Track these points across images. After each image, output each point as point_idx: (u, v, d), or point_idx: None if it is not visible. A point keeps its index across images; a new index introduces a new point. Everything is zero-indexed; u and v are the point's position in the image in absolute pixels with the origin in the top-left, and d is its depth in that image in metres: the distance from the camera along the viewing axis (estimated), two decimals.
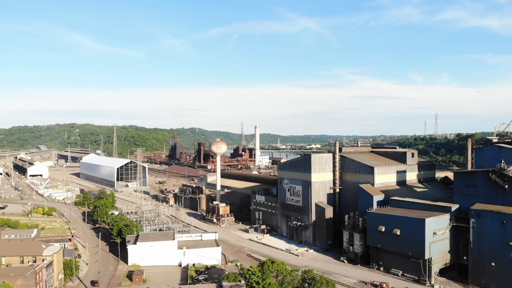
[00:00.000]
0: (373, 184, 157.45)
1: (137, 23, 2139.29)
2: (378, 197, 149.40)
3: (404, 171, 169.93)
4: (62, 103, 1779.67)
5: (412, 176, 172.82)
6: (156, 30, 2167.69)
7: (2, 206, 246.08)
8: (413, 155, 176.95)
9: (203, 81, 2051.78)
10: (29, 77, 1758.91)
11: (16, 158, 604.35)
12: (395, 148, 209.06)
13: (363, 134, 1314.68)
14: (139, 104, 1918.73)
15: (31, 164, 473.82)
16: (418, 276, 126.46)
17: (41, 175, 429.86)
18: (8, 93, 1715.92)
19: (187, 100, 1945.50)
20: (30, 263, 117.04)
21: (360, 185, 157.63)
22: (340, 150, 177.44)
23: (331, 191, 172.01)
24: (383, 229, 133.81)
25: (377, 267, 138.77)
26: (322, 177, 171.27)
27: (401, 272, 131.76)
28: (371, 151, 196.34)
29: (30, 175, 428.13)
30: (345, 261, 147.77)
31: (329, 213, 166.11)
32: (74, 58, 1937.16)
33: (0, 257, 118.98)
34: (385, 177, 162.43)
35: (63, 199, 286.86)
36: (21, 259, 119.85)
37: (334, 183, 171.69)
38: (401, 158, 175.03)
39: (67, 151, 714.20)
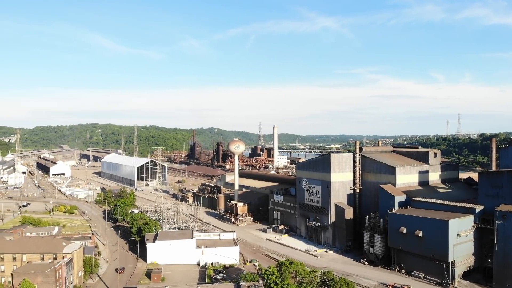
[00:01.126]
0: (394, 185, 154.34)
1: (158, 25, 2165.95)
2: (399, 198, 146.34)
3: (427, 171, 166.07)
4: (85, 103, 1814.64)
5: (434, 177, 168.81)
6: (176, 31, 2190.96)
7: (25, 204, 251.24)
8: (435, 155, 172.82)
9: (222, 81, 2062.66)
10: (52, 79, 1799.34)
11: (40, 157, 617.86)
12: (417, 148, 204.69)
13: (384, 134, 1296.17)
14: (160, 105, 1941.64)
15: (54, 163, 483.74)
16: (441, 279, 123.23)
17: (63, 174, 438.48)
18: (32, 94, 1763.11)
19: (206, 100, 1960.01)
20: (50, 261, 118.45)
21: (381, 185, 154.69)
22: (361, 149, 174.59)
23: (351, 192, 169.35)
24: (404, 231, 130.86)
25: (398, 269, 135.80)
26: (342, 177, 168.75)
27: (423, 274, 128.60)
28: (393, 151, 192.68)
29: (52, 174, 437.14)
30: (366, 262, 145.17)
31: (349, 213, 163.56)
32: (96, 59, 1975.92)
33: (21, 254, 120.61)
34: (407, 177, 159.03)
35: (85, 197, 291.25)
36: (42, 256, 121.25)
37: (354, 183, 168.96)
38: (423, 158, 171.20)
39: (89, 151, 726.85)
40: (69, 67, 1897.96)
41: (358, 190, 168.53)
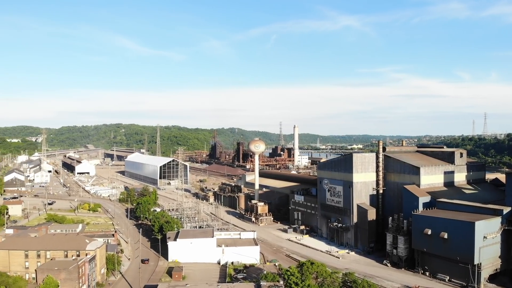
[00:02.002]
0: (418, 185, 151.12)
1: (179, 26, 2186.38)
2: (424, 199, 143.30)
3: (452, 172, 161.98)
4: (109, 104, 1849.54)
5: (460, 177, 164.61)
6: (197, 33, 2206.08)
7: (50, 202, 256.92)
8: (461, 155, 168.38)
9: (243, 81, 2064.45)
10: (78, 80, 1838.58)
11: (65, 156, 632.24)
12: (442, 148, 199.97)
13: (408, 134, 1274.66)
14: (181, 105, 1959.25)
15: (78, 162, 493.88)
16: (466, 282, 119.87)
17: (88, 173, 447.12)
18: (58, 95, 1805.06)
19: (227, 100, 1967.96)
20: (73, 257, 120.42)
21: (404, 186, 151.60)
22: (384, 149, 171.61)
23: (374, 192, 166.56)
24: (429, 232, 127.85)
25: (422, 271, 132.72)
26: (364, 177, 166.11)
27: (448, 277, 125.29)
28: (417, 151, 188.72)
29: (77, 173, 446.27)
30: (389, 264, 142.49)
31: (371, 214, 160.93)
32: (120, 61, 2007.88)
33: (45, 251, 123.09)
34: (431, 178, 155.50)
35: (108, 196, 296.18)
36: (65, 253, 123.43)
37: (377, 184, 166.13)
38: (448, 158, 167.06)
39: (113, 150, 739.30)
40: (94, 68, 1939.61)
41: (381, 191, 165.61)
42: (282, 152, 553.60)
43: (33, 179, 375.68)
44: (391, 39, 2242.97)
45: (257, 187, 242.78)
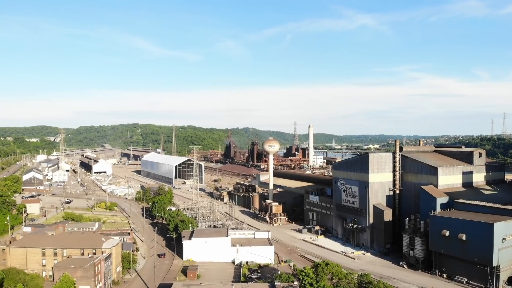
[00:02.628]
0: (436, 186, 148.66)
1: (195, 27, 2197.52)
2: (441, 200, 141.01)
3: (471, 172, 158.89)
4: (126, 104, 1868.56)
5: (479, 178, 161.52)
6: (212, 33, 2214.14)
7: (68, 200, 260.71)
8: (480, 155, 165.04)
9: (257, 81, 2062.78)
10: (95, 80, 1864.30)
11: (83, 156, 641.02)
12: (461, 148, 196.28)
13: (425, 134, 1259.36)
14: (197, 105, 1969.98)
15: (96, 161, 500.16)
16: (484, 284, 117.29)
17: (105, 172, 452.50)
18: (77, 96, 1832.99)
19: (241, 100, 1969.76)
20: (90, 255, 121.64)
21: (422, 186, 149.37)
22: (401, 149, 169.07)
23: (390, 193, 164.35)
24: (447, 234, 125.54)
25: (439, 273, 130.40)
26: (381, 177, 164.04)
27: (465, 279, 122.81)
28: (434, 151, 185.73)
29: (94, 172, 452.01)
30: (405, 266, 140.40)
31: (388, 215, 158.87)
32: (136, 61, 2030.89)
33: (62, 249, 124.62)
34: (449, 178, 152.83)
35: (125, 195, 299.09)
36: (82, 251, 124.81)
37: (394, 184, 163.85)
38: (467, 158, 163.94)
39: (130, 150, 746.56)
40: (111, 69, 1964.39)
41: (397, 191, 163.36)
42: (296, 152, 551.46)
43: (51, 178, 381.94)
44: (407, 38, 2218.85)
45: (271, 186, 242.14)
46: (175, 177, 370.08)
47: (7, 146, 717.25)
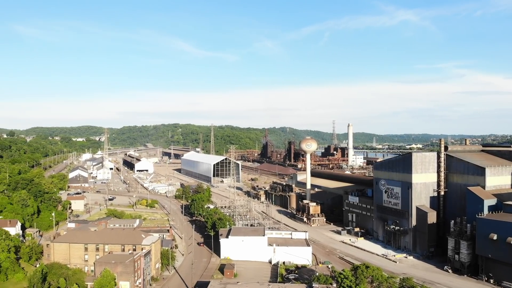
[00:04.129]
0: (483, 187, 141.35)
1: (233, 28, 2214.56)
2: (489, 202, 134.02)
3: None
4: (167, 105, 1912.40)
5: None
6: (250, 33, 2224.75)
7: (111, 197, 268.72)
8: None
9: (295, 80, 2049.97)
10: (138, 82, 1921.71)
11: (126, 155, 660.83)
12: (509, 147, 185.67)
13: (471, 133, 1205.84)
14: (234, 105, 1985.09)
15: (138, 160, 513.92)
16: None
17: (146, 170, 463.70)
18: (120, 97, 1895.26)
19: (279, 100, 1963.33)
20: (130, 251, 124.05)
21: (468, 187, 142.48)
22: (446, 148, 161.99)
23: (435, 194, 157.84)
24: (495, 237, 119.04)
25: (486, 279, 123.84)
26: (425, 178, 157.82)
27: None
28: (482, 151, 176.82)
29: (137, 170, 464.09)
30: (450, 270, 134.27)
31: (432, 217, 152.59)
32: (176, 63, 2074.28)
33: (104, 244, 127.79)
34: (498, 179, 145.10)
35: (165, 192, 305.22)
36: (122, 247, 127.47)
37: (438, 185, 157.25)
38: None
39: (171, 149, 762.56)
40: (154, 71, 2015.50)
41: (442, 193, 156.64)
42: (335, 152, 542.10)
43: (96, 176, 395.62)
44: (452, 33, 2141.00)
45: (308, 186, 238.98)
46: (213, 176, 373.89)
47: (55, 145, 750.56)
